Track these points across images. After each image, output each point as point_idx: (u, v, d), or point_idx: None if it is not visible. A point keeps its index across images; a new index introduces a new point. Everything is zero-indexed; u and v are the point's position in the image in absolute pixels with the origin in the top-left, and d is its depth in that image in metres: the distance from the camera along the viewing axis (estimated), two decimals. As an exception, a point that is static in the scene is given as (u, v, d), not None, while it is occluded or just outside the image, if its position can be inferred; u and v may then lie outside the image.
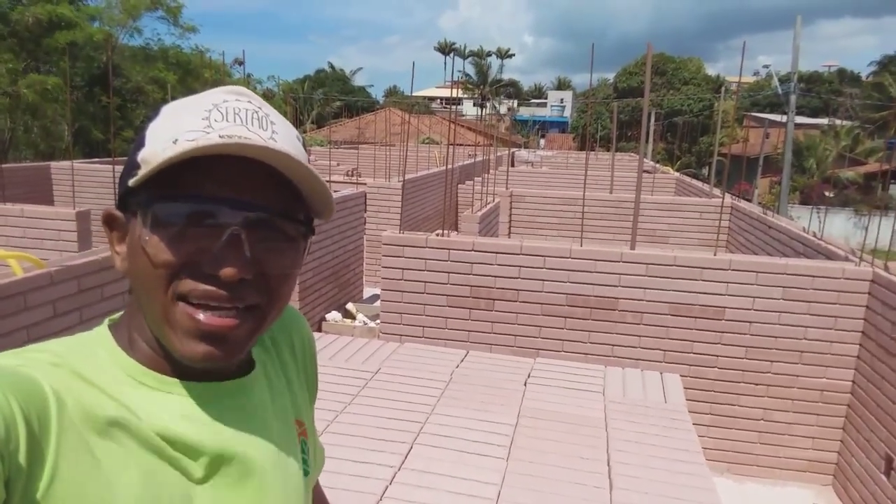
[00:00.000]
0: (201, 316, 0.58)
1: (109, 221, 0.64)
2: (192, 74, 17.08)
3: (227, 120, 0.59)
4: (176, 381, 0.62)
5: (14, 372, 0.53)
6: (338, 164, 11.65)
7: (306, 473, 0.74)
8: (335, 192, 6.03)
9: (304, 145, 0.67)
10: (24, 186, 7.21)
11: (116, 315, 0.67)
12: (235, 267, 0.57)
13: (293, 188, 0.61)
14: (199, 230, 0.57)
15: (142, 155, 0.59)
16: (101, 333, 0.64)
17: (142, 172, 0.57)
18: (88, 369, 0.59)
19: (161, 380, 0.62)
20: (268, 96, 24.52)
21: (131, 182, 0.58)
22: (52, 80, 13.36)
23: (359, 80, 46.31)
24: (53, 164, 7.98)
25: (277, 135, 0.60)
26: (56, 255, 3.90)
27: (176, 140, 0.57)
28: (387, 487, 2.08)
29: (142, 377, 0.61)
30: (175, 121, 0.60)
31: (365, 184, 7.21)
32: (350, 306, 5.73)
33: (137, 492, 0.56)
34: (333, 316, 5.47)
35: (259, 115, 0.61)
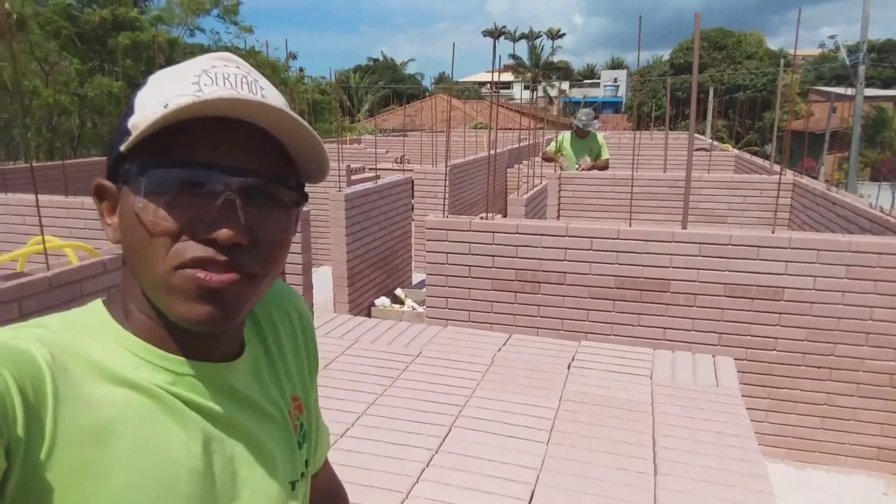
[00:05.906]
0: (201, 274, 0.57)
1: (100, 192, 0.64)
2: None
3: (216, 84, 0.59)
4: (171, 356, 0.62)
5: (6, 345, 0.54)
6: (386, 152, 11.72)
7: (299, 446, 0.75)
8: (381, 178, 6.05)
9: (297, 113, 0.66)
10: (87, 181, 7.52)
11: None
12: (231, 229, 0.57)
13: (285, 153, 0.61)
14: (193, 196, 0.57)
15: (132, 122, 0.59)
16: (95, 308, 0.64)
17: (133, 136, 0.56)
18: (82, 342, 0.59)
19: (153, 352, 0.62)
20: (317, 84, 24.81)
21: (122, 147, 0.58)
22: (117, 85, 13.87)
23: (410, 70, 46.34)
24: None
25: (267, 99, 0.59)
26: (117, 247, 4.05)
27: (167, 105, 0.56)
28: (423, 470, 2.06)
29: (136, 349, 0.61)
30: (164, 87, 0.60)
31: (412, 170, 7.20)
32: (399, 291, 5.76)
33: (137, 456, 0.56)
34: (382, 301, 5.51)
35: (248, 79, 0.61)
